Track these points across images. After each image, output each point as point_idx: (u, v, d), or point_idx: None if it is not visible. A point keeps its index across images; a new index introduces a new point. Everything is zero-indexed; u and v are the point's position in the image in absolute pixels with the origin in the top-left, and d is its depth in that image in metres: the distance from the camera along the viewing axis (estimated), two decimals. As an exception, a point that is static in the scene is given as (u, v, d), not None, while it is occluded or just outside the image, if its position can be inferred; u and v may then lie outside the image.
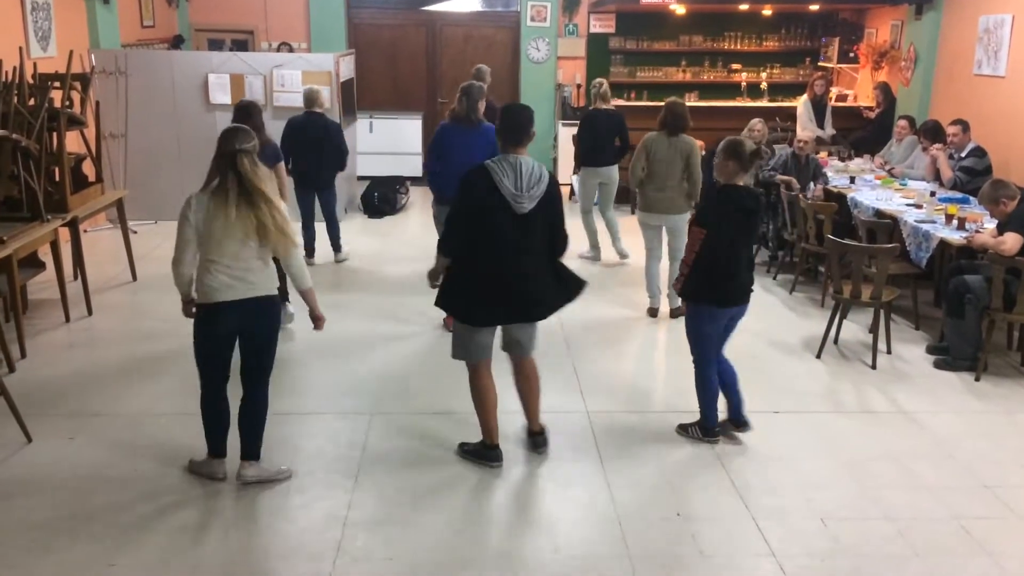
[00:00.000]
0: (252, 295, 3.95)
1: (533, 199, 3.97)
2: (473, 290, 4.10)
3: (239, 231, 3.84)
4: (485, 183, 3.96)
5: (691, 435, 4.71)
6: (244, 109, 6.07)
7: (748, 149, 4.37)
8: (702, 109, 11.34)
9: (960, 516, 4.03)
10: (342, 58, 9.75)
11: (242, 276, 3.92)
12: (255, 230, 3.84)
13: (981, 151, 7.58)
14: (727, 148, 4.40)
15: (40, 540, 3.73)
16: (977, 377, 5.60)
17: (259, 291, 3.97)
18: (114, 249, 8.01)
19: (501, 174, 3.95)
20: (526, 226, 4.01)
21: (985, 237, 5.76)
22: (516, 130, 4.05)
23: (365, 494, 4.14)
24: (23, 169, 5.89)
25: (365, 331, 6.28)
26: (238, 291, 3.92)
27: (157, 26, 10.76)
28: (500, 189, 3.94)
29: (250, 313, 3.97)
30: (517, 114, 4.13)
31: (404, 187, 10.71)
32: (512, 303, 4.13)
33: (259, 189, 3.83)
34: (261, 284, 3.98)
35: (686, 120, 6.50)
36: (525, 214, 3.97)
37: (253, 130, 5.87)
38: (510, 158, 4.01)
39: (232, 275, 3.90)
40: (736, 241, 4.40)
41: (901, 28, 10.35)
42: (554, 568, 3.63)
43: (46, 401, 5.06)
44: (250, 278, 3.93)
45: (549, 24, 11.75)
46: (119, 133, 9.14)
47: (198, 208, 3.90)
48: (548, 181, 4.05)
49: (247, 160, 3.84)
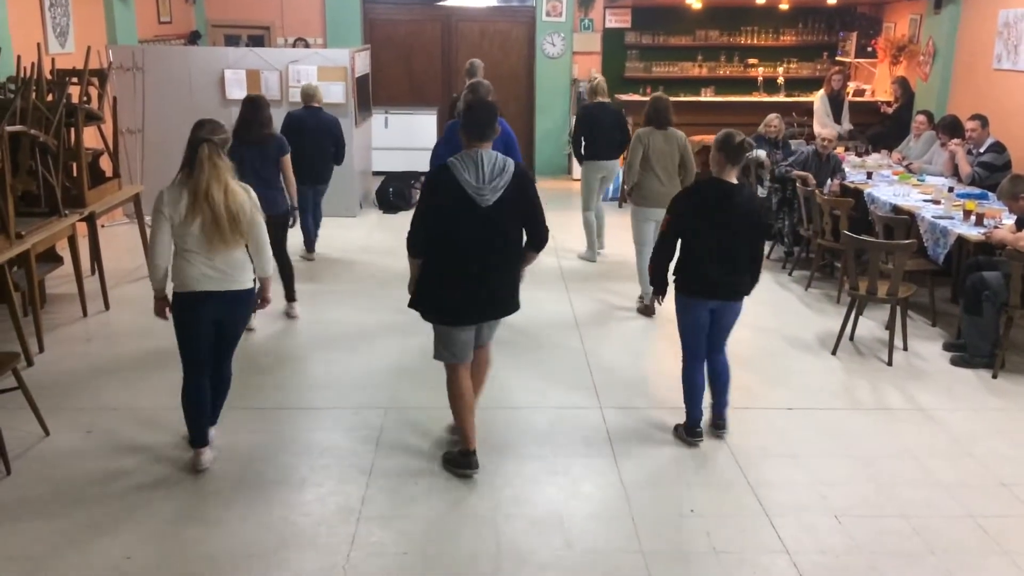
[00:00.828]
0: (228, 287, 4.06)
1: (496, 190, 3.93)
2: (446, 289, 4.06)
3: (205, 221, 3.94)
4: (447, 179, 3.94)
5: (677, 434, 4.68)
6: (252, 102, 6.12)
7: (736, 141, 4.34)
8: (718, 104, 11.33)
9: (976, 514, 4.01)
10: (357, 53, 9.76)
11: (219, 267, 4.01)
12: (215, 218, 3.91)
13: (1000, 147, 7.51)
14: (717, 140, 4.41)
15: (58, 532, 3.77)
16: (995, 374, 5.56)
17: (235, 283, 4.09)
18: (131, 244, 8.06)
19: (462, 169, 3.93)
20: (493, 220, 3.95)
21: (1004, 233, 5.72)
22: (478, 126, 4.02)
23: (379, 488, 4.16)
24: (41, 164, 5.94)
25: (379, 325, 6.29)
26: (215, 282, 4.02)
27: (174, 22, 10.81)
28: (461, 183, 3.91)
29: (227, 304, 4.10)
30: (479, 111, 4.11)
31: (419, 182, 10.70)
32: (483, 300, 4.09)
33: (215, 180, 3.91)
34: (237, 276, 4.09)
35: (671, 112, 6.59)
36: (490, 207, 3.93)
37: (261, 123, 5.92)
38: (472, 152, 3.98)
39: (209, 265, 4.00)
40: (701, 233, 4.37)
41: (920, 22, 10.26)
42: (567, 564, 3.63)
43: (63, 395, 5.11)
44: (227, 269, 4.04)
45: (565, 19, 11.72)
46: (136, 128, 9.19)
47: (170, 201, 3.96)
48: (513, 172, 3.98)
49: (207, 148, 3.92)
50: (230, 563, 3.59)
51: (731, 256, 4.39)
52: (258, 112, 6.00)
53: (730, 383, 4.70)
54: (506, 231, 4.04)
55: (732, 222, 4.35)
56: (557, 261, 7.95)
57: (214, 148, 3.95)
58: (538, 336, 6.15)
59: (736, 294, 4.49)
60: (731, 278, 4.42)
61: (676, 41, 11.78)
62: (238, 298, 4.13)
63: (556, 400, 5.13)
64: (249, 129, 5.96)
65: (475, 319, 4.15)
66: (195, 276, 3.99)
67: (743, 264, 4.44)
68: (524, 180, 4.05)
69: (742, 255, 4.41)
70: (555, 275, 7.57)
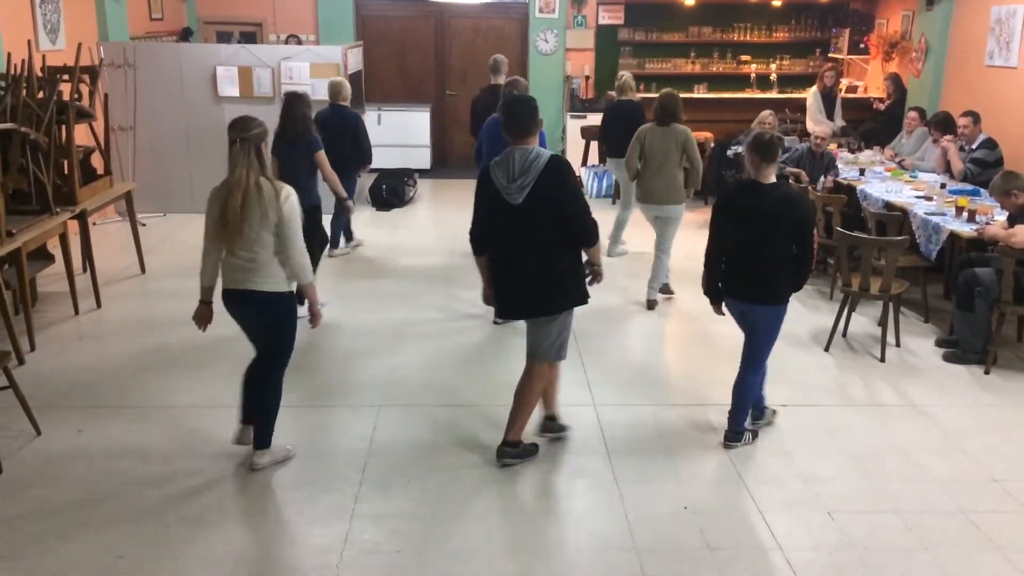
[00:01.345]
0: (244, 287, 3.97)
1: (523, 188, 3.92)
2: (497, 284, 4.23)
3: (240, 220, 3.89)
4: (484, 179, 4.07)
5: (746, 442, 4.59)
6: (286, 100, 6.26)
7: (766, 139, 4.26)
8: (711, 101, 11.32)
9: (968, 510, 4.02)
10: (350, 50, 9.74)
11: (240, 265, 3.95)
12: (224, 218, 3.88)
13: (992, 143, 7.52)
14: (750, 144, 4.33)
15: (49, 531, 3.75)
16: (987, 370, 5.58)
17: (252, 284, 3.96)
18: (123, 241, 8.04)
19: (497, 168, 4.00)
20: (524, 218, 3.97)
21: (996, 229, 5.73)
22: (515, 122, 4.05)
23: (372, 486, 4.15)
24: (32, 162, 5.91)
25: (373, 323, 6.29)
26: (234, 280, 3.98)
27: (166, 19, 10.77)
28: (494, 183, 3.99)
29: (244, 304, 4.03)
30: (517, 107, 4.12)
31: (412, 179, 10.69)
32: (519, 296, 4.14)
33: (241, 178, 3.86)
34: (257, 278, 3.95)
35: (675, 109, 6.54)
36: (520, 205, 3.95)
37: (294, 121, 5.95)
38: (510, 150, 4.02)
39: (231, 264, 3.97)
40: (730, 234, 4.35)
41: (912, 18, 10.28)
42: (561, 561, 3.63)
43: (55, 393, 5.08)
44: (246, 268, 3.94)
45: (557, 15, 11.71)
46: (128, 126, 9.16)
47: (209, 199, 3.98)
48: (543, 169, 3.92)
49: (236, 146, 3.88)
50: (222, 562, 3.58)
51: (762, 262, 4.28)
52: (289, 110, 6.13)
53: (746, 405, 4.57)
54: (537, 229, 3.99)
55: (760, 222, 4.24)
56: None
57: (245, 145, 3.88)
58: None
59: (762, 296, 4.34)
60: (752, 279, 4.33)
61: (669, 38, 11.77)
62: (253, 299, 3.98)
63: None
64: (283, 127, 6.14)
65: (514, 315, 4.32)
66: (223, 273, 4.02)
67: (774, 265, 4.29)
68: (558, 174, 3.96)
69: (771, 255, 4.27)
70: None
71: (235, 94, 9.17)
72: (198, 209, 9.48)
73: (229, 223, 3.86)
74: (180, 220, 9.14)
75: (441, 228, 9.23)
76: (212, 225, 3.95)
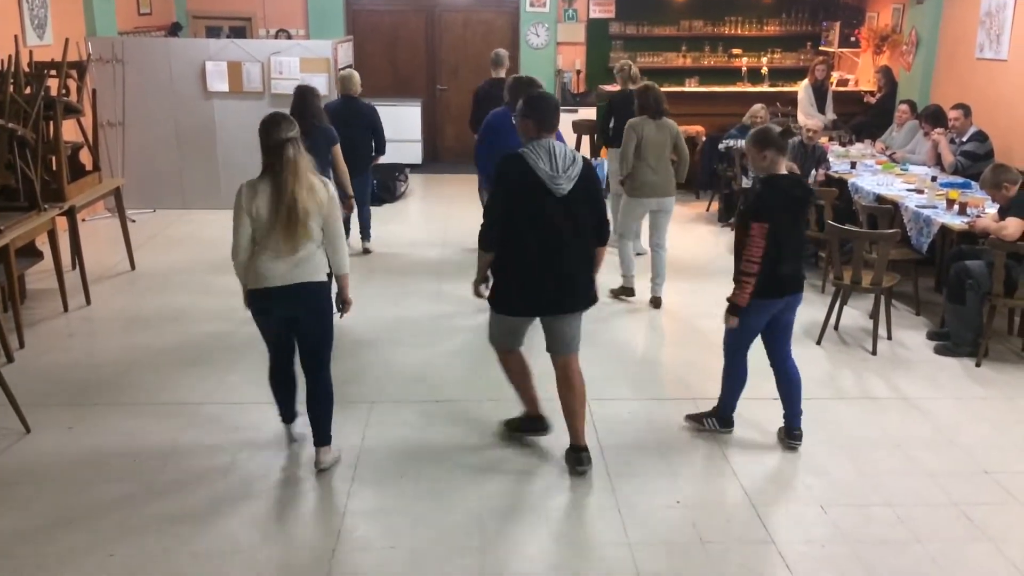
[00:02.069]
0: (294, 280, 3.96)
1: (571, 179, 3.93)
2: (514, 280, 4.06)
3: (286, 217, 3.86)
4: (519, 168, 3.92)
5: (707, 427, 4.60)
6: (297, 94, 6.20)
7: (777, 131, 4.22)
8: (702, 95, 11.31)
9: (960, 502, 4.03)
10: (340, 45, 9.69)
11: (296, 260, 3.93)
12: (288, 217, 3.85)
13: (983, 136, 7.54)
14: (758, 139, 4.23)
15: (40, 530, 3.73)
16: (978, 363, 5.59)
17: (306, 276, 3.99)
18: (112, 238, 7.99)
19: (536, 158, 3.91)
20: (568, 210, 3.95)
21: (987, 222, 5.74)
22: (547, 114, 4.03)
23: (364, 483, 4.14)
24: (19, 158, 5.86)
25: (368, 319, 6.26)
26: (282, 277, 3.95)
27: (154, 13, 10.71)
28: (537, 172, 3.90)
29: (297, 298, 4.00)
30: (545, 100, 4.11)
31: (403, 175, 10.66)
32: (550, 291, 4.04)
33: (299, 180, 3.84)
34: (309, 270, 3.99)
35: (664, 102, 6.60)
36: (565, 196, 3.93)
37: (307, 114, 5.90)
38: (542, 142, 3.98)
39: (277, 261, 3.92)
40: (788, 232, 4.22)
41: (903, 12, 10.29)
42: (553, 556, 3.62)
43: (45, 391, 5.05)
44: (294, 264, 3.94)
45: (548, 9, 11.68)
46: (116, 121, 9.11)
47: (248, 195, 3.90)
48: (583, 163, 4.01)
49: (291, 148, 3.85)
50: (214, 560, 3.56)
51: (801, 246, 4.39)
52: (301, 103, 6.08)
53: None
54: (580, 220, 4.01)
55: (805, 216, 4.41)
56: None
57: (297, 147, 3.88)
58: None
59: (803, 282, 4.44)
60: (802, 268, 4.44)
61: (660, 31, 11.76)
62: (306, 290, 4.01)
63: (541, 393, 5.11)
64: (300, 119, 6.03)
65: (554, 310, 4.11)
66: (261, 273, 3.94)
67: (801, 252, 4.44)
68: (591, 172, 4.06)
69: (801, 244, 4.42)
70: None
71: (224, 89, 9.13)
72: (187, 205, 9.56)
73: (294, 222, 3.84)
74: (170, 216, 9.10)
75: (432, 223, 9.21)
76: (263, 225, 3.88)
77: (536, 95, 4.18)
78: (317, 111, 6.14)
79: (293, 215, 3.83)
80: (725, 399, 4.60)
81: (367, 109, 7.67)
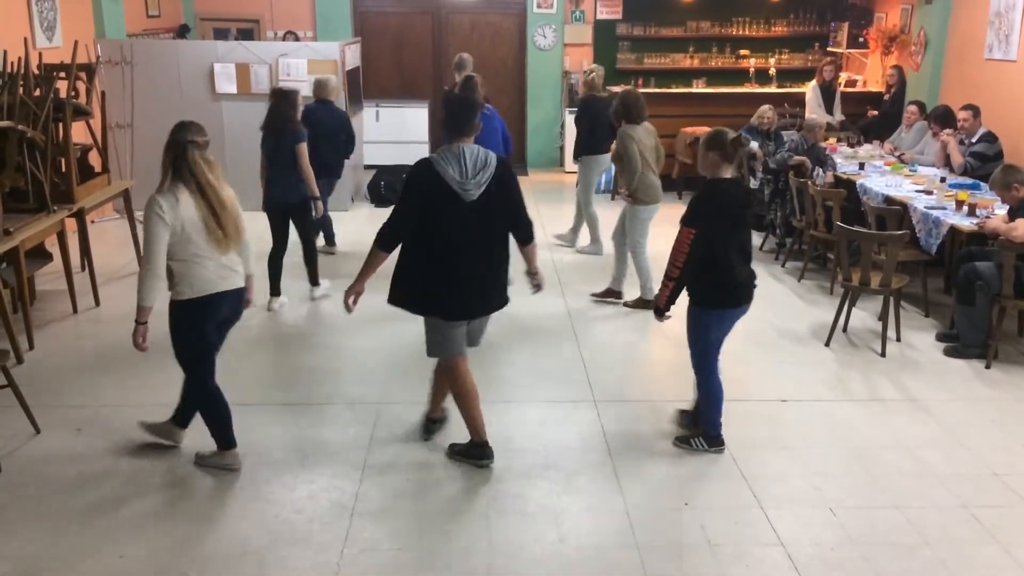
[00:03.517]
0: (237, 285, 4.11)
1: (480, 185, 3.91)
2: (435, 285, 4.01)
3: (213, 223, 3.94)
4: (428, 175, 3.90)
5: (695, 447, 4.49)
6: (272, 94, 6.43)
7: (730, 138, 4.20)
8: (710, 95, 11.29)
9: (970, 504, 4.01)
10: (348, 46, 9.71)
11: (228, 265, 4.04)
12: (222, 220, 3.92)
13: (992, 136, 7.51)
14: (708, 139, 4.23)
15: (49, 531, 3.74)
16: (987, 364, 5.57)
17: (240, 280, 4.14)
18: (121, 239, 8.02)
19: (444, 163, 3.90)
20: (480, 215, 3.93)
21: (996, 223, 5.72)
22: (456, 120, 4.01)
23: (372, 484, 4.14)
24: (29, 160, 5.89)
25: (372, 320, 6.26)
26: (228, 281, 4.05)
27: (163, 15, 10.74)
28: (445, 179, 3.88)
29: (235, 302, 4.15)
30: (459, 105, 4.12)
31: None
32: (472, 295, 4.06)
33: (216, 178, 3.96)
34: (240, 272, 4.14)
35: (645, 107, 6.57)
36: (475, 201, 3.91)
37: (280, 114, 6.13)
38: (453, 147, 3.96)
39: (221, 264, 4.00)
40: (728, 237, 4.20)
41: (911, 12, 10.25)
42: (561, 558, 3.62)
43: (54, 392, 5.07)
44: (233, 267, 4.08)
45: (555, 11, 11.68)
46: (125, 123, 9.13)
47: (168, 207, 3.84)
48: (496, 165, 3.97)
49: (195, 150, 3.91)
50: (223, 561, 3.57)
51: (748, 253, 4.30)
52: (276, 103, 6.27)
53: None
54: (492, 225, 4.01)
55: (748, 221, 4.32)
56: (550, 255, 7.93)
57: (203, 150, 3.95)
58: (531, 329, 6.13)
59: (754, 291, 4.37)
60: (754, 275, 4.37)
61: (667, 32, 11.74)
62: (240, 294, 4.17)
63: (549, 394, 5.12)
64: (271, 120, 6.27)
65: (465, 315, 4.12)
66: (211, 279, 3.96)
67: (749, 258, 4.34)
68: (507, 174, 4.04)
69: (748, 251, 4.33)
70: (548, 269, 7.54)
71: (232, 91, 9.16)
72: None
73: (231, 227, 3.94)
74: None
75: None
76: (197, 232, 3.88)
77: (452, 99, 4.19)
78: (287, 112, 6.26)
79: (230, 212, 3.94)
80: (709, 418, 4.47)
81: (340, 114, 7.73)
